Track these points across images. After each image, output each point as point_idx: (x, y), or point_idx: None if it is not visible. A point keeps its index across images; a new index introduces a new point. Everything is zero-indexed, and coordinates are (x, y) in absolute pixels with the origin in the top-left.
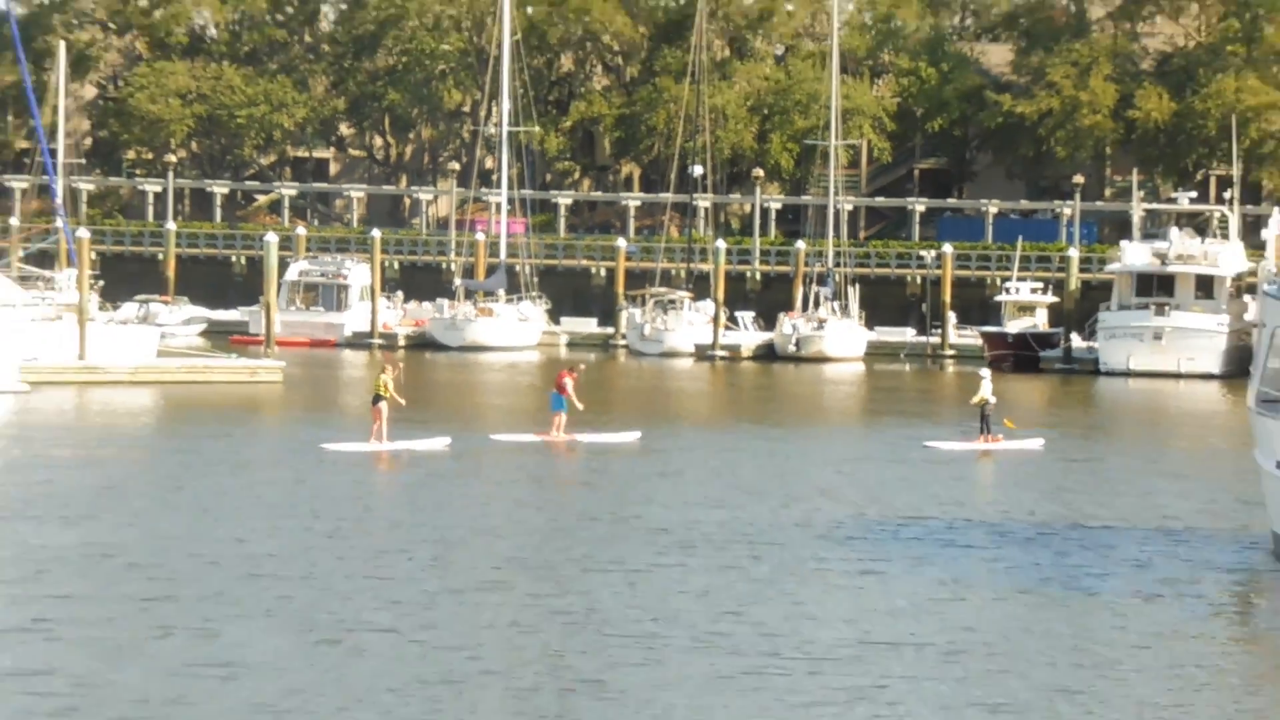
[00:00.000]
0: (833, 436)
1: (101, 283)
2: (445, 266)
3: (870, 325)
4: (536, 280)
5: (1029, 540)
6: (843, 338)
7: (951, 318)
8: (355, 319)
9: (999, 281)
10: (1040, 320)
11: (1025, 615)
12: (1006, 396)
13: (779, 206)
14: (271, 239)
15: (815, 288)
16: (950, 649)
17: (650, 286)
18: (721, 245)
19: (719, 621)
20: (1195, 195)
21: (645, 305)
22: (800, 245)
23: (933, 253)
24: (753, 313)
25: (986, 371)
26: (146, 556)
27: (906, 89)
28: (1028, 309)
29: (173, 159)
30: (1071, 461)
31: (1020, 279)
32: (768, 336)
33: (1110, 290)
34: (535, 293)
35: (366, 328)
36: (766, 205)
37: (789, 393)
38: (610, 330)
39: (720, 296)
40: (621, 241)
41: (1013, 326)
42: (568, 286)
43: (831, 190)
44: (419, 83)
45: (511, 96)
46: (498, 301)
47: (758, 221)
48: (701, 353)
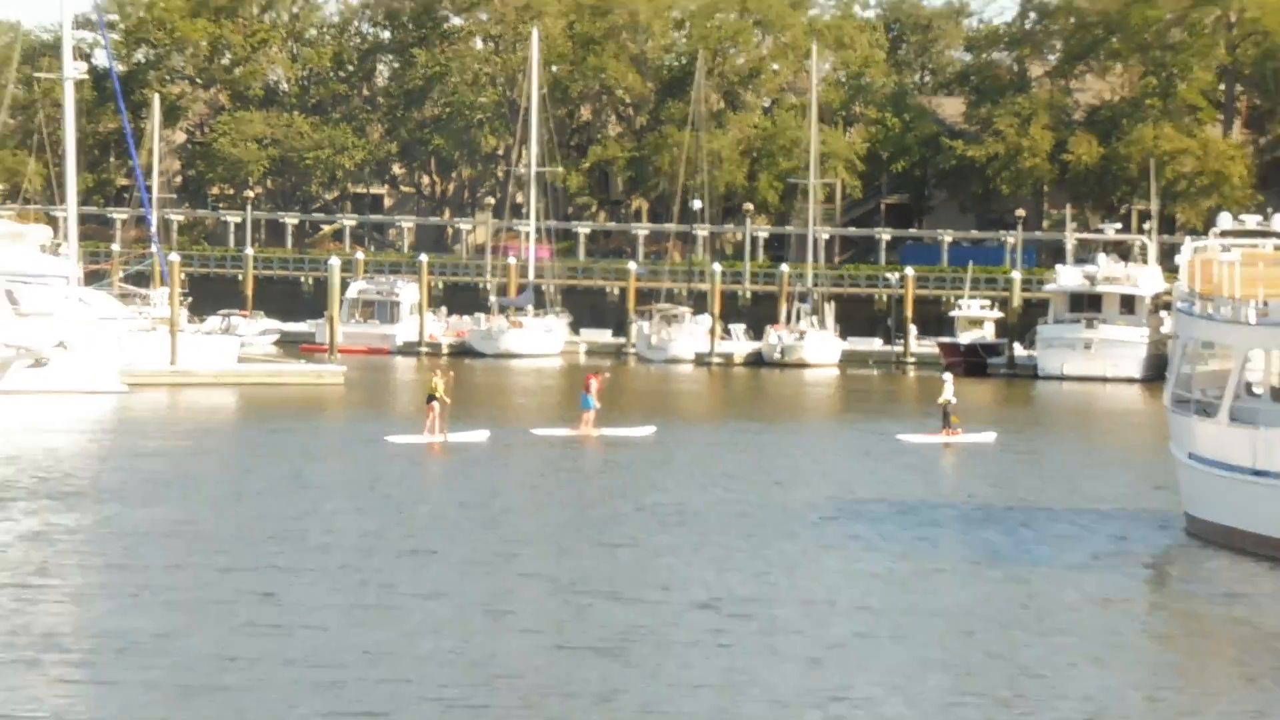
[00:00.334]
0: (812, 431)
1: (190, 299)
2: (482, 286)
3: (844, 336)
4: (560, 298)
5: (980, 519)
6: (820, 347)
7: (913, 330)
8: (405, 331)
9: (953, 299)
10: (988, 332)
11: (976, 583)
12: (960, 397)
13: (766, 235)
14: (334, 262)
15: (797, 304)
16: (911, 611)
17: (656, 303)
18: (717, 268)
19: (713, 587)
20: (1120, 226)
21: (652, 319)
22: (784, 268)
23: (897, 275)
24: (744, 325)
25: (949, 375)
26: (224, 531)
27: (874, 136)
28: (977, 322)
29: (250, 194)
30: (1016, 453)
31: (971, 297)
32: (756, 346)
33: (1047, 307)
34: (558, 308)
35: (415, 338)
36: (755, 234)
37: (774, 394)
38: (622, 340)
39: (716, 311)
40: (632, 265)
41: (965, 337)
42: (586, 303)
43: (811, 222)
44: (460, 130)
45: (539, 142)
46: (527, 316)
47: (748, 248)
48: (700, 359)
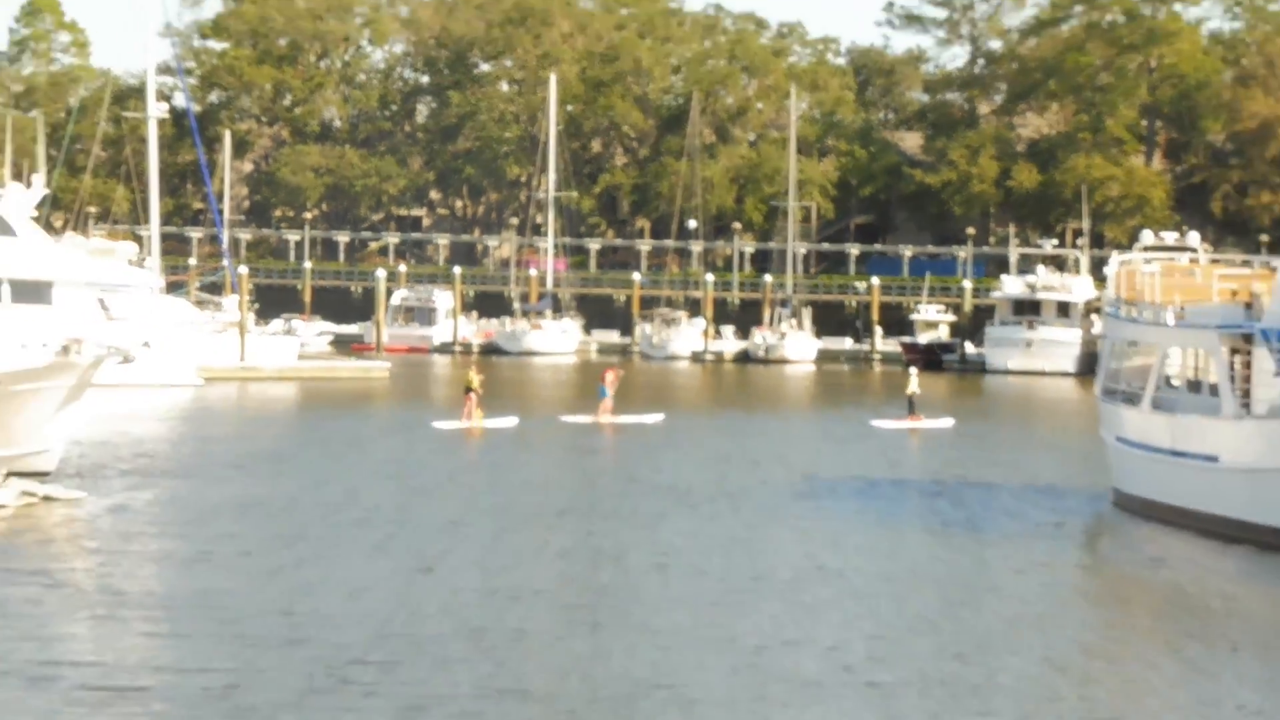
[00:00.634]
0: (791, 418)
1: (256, 305)
2: (507, 294)
3: (819, 336)
4: (574, 304)
5: (936, 494)
6: (799, 346)
7: (879, 331)
8: (441, 332)
9: (913, 305)
10: (943, 333)
11: (932, 549)
12: (921, 389)
13: (752, 250)
14: (380, 274)
15: (778, 309)
16: (876, 574)
17: (657, 308)
18: (709, 278)
19: (707, 555)
20: (1056, 242)
21: (654, 322)
22: (767, 279)
23: (864, 284)
24: (733, 327)
25: (914, 370)
26: (287, 504)
27: (845, 165)
28: (934, 325)
29: (308, 216)
30: (968, 436)
31: (928, 303)
32: (743, 345)
33: (994, 311)
34: (573, 313)
35: (450, 339)
36: (742, 249)
37: (760, 386)
38: (628, 340)
39: (709, 315)
40: (636, 276)
41: (923, 338)
42: (597, 308)
43: (790, 238)
44: (488, 160)
45: (556, 170)
46: (546, 319)
47: (736, 261)
48: (695, 357)
